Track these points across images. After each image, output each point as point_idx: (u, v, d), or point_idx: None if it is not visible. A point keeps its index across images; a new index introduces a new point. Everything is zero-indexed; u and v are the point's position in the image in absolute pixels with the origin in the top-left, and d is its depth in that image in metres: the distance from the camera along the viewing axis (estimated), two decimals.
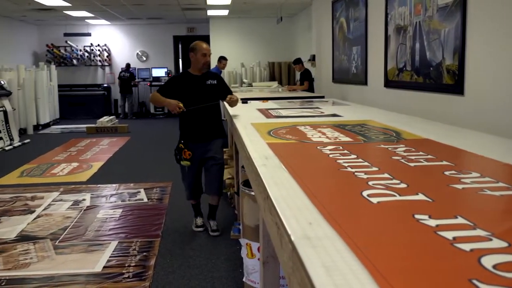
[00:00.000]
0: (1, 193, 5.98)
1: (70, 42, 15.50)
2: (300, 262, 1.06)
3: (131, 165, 7.76)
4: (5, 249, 4.08)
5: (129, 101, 15.03)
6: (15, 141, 9.90)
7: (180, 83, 4.32)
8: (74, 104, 15.09)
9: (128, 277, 3.48)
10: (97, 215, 4.98)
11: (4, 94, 10.13)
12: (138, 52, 15.96)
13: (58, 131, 12.30)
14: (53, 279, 3.46)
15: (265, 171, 1.92)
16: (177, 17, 14.20)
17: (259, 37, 14.35)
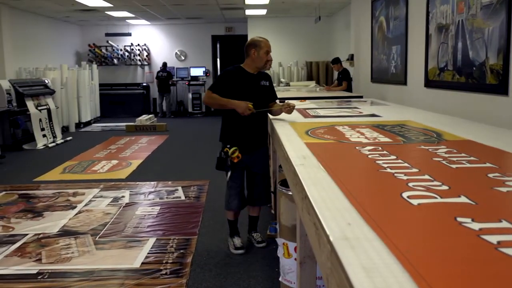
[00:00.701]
0: (45, 188, 6.15)
1: (111, 42, 15.81)
2: (339, 263, 1.05)
3: (169, 163, 7.86)
4: (48, 243, 4.19)
5: (167, 100, 15.22)
6: (58, 139, 10.16)
7: (234, 79, 3.87)
8: (114, 103, 15.38)
9: (166, 273, 3.52)
10: (135, 212, 5.07)
11: (48, 92, 10.42)
12: (177, 52, 16.14)
13: (98, 129, 12.57)
14: (93, 274, 3.54)
15: (303, 171, 1.91)
16: (215, 17, 14.30)
17: (297, 36, 14.31)
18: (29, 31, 12.25)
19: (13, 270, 3.63)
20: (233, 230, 4.11)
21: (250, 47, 3.85)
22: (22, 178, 6.77)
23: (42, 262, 3.78)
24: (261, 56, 3.83)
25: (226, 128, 3.97)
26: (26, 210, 5.21)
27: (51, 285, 3.37)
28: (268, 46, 3.87)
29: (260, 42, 3.86)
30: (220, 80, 3.91)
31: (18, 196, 5.76)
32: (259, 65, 3.87)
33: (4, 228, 4.60)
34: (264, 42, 3.87)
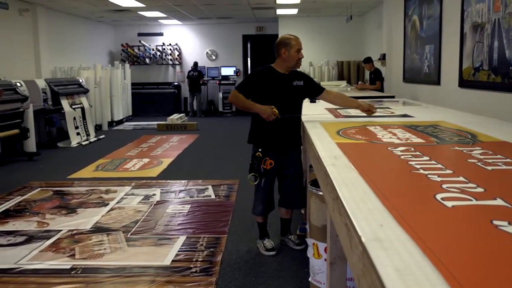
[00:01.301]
0: (78, 185, 6.27)
1: (143, 42, 16.02)
2: (371, 264, 1.05)
3: (200, 162, 7.92)
4: (81, 239, 4.28)
5: (197, 99, 15.33)
6: (91, 137, 10.35)
7: (264, 80, 3.72)
8: (146, 102, 15.58)
9: (196, 271, 3.55)
10: (166, 210, 5.12)
11: (82, 91, 10.63)
12: (208, 51, 16.24)
13: (130, 127, 12.75)
14: (125, 270, 3.59)
15: (334, 171, 1.90)
16: (246, 17, 14.34)
17: (328, 36, 14.23)
18: (64, 31, 12.51)
19: (47, 265, 3.72)
20: (263, 232, 4.06)
21: (280, 47, 3.69)
22: (56, 175, 6.92)
23: (75, 257, 3.85)
24: (292, 55, 3.65)
25: (256, 130, 3.84)
26: (60, 206, 5.32)
27: (84, 280, 3.44)
28: (299, 44, 3.69)
29: (290, 40, 3.68)
30: (247, 81, 3.79)
31: (53, 193, 5.89)
32: (290, 65, 3.71)
33: (39, 224, 4.71)
34: (294, 39, 3.69)
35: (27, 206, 5.33)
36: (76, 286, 3.34)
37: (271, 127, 3.69)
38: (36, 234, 4.43)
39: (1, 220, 4.88)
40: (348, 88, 9.69)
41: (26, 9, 10.51)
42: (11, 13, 9.82)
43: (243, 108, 3.76)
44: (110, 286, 3.33)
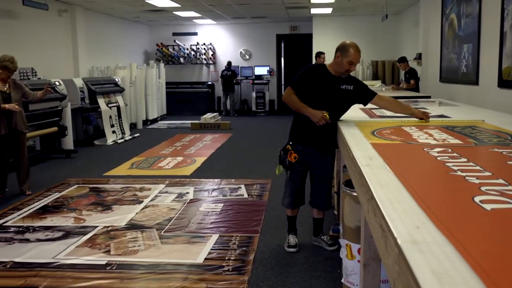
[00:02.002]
0: (114, 183, 6.38)
1: (178, 41, 16.18)
2: (407, 267, 1.03)
3: (233, 161, 7.95)
4: (116, 235, 4.35)
5: (231, 98, 15.40)
6: (126, 135, 10.52)
7: (315, 77, 3.72)
8: (180, 101, 15.74)
9: (228, 270, 3.56)
10: (199, 208, 5.16)
11: (118, 90, 10.81)
12: (242, 51, 16.29)
13: (164, 126, 12.89)
14: (159, 267, 3.63)
15: (369, 171, 1.88)
16: (280, 16, 14.32)
17: (362, 35, 14.06)
18: (101, 31, 12.75)
19: (83, 260, 3.80)
20: (290, 227, 4.11)
21: (338, 50, 3.65)
22: (93, 172, 7.06)
23: (110, 253, 3.92)
24: (343, 63, 3.60)
25: (297, 126, 3.89)
26: (96, 203, 5.42)
27: (119, 276, 3.50)
28: (355, 57, 3.59)
29: (349, 50, 3.58)
30: (302, 76, 3.75)
31: (89, 190, 6.01)
32: (339, 70, 3.68)
33: (76, 220, 4.82)
34: (353, 50, 3.58)
35: (64, 202, 5.46)
36: (111, 282, 3.40)
37: (312, 128, 3.70)
38: (73, 229, 4.53)
39: (40, 215, 5.01)
40: (383, 88, 9.58)
41: (65, 9, 10.76)
42: (50, 13, 10.06)
43: (295, 109, 3.77)
44: (143, 283, 3.38)
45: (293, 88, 3.74)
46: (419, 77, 8.95)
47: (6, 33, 8.82)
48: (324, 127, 3.65)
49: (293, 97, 3.72)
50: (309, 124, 3.69)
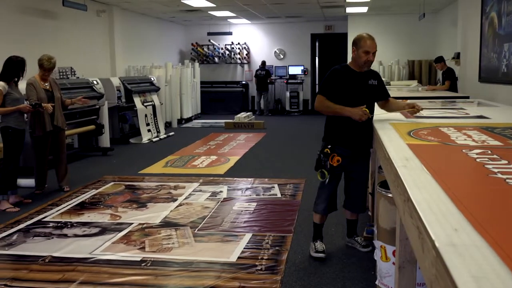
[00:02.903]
0: (148, 181, 6.47)
1: (212, 41, 16.28)
2: (445, 270, 1.01)
3: (266, 160, 7.95)
4: (150, 232, 4.41)
5: (265, 98, 15.40)
6: (161, 134, 10.65)
7: (342, 78, 3.64)
8: (214, 100, 15.84)
9: (261, 269, 3.57)
10: (233, 207, 5.18)
11: (153, 89, 10.96)
12: (276, 50, 16.28)
13: (199, 125, 13.00)
14: (192, 265, 3.67)
15: (405, 172, 1.86)
16: (315, 15, 14.25)
17: (398, 34, 13.88)
18: (137, 31, 12.94)
19: (119, 256, 3.86)
20: (317, 234, 3.93)
21: (353, 45, 3.64)
22: (128, 170, 7.18)
23: (145, 250, 3.98)
24: (359, 55, 3.56)
25: (332, 128, 3.76)
26: (131, 200, 5.51)
27: (153, 272, 3.54)
28: (368, 45, 3.53)
29: (360, 40, 3.57)
30: (329, 81, 3.67)
31: (124, 187, 6.11)
32: (359, 64, 3.62)
33: (112, 217, 4.91)
34: (364, 40, 3.55)
35: (101, 199, 5.57)
36: (146, 278, 3.45)
37: (349, 126, 3.60)
38: (109, 226, 4.61)
39: (78, 211, 5.12)
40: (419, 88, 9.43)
41: (103, 10, 10.96)
42: (89, 14, 10.27)
43: (332, 113, 3.67)
44: (177, 280, 3.42)
45: (324, 94, 3.66)
46: (457, 77, 8.76)
47: (46, 33, 9.05)
48: (360, 125, 3.56)
49: (326, 103, 3.63)
50: (346, 124, 3.60)
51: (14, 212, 5.11)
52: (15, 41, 8.01)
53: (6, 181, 5.28)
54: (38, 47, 8.11)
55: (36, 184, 5.92)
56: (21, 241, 4.25)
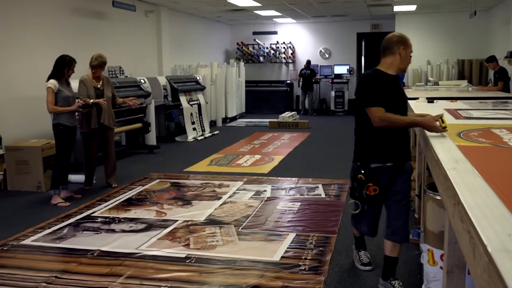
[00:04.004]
0: (193, 178, 6.55)
1: (258, 40, 16.32)
2: (499, 277, 0.98)
3: (310, 160, 7.92)
4: (195, 230, 4.47)
5: (309, 97, 15.32)
6: (206, 132, 10.76)
7: (386, 84, 3.14)
8: (258, 99, 15.87)
9: (304, 269, 3.56)
10: (276, 207, 5.19)
11: (199, 88, 11.09)
12: (321, 50, 16.17)
13: (243, 124, 13.06)
14: (236, 263, 3.69)
15: (455, 175, 1.81)
16: (361, 14, 14.08)
17: (448, 33, 13.54)
18: (184, 31, 13.12)
19: (164, 252, 3.93)
20: (359, 243, 3.70)
21: (398, 44, 3.18)
22: (174, 167, 7.29)
23: (190, 247, 4.03)
24: (407, 57, 3.20)
25: (369, 144, 3.20)
26: (177, 197, 5.59)
27: (197, 269, 3.59)
28: (411, 47, 3.25)
29: (408, 41, 3.22)
30: (376, 90, 3.10)
31: (170, 184, 6.21)
32: (403, 66, 3.23)
33: (158, 213, 4.99)
34: (409, 42, 3.25)
35: (147, 196, 5.68)
36: (190, 275, 3.50)
37: (391, 138, 3.13)
38: (155, 222, 4.70)
39: (125, 207, 5.24)
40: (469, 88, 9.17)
41: (151, 10, 11.16)
42: (137, 14, 10.48)
43: (399, 127, 3.10)
44: (221, 277, 3.45)
45: (380, 105, 3.03)
46: (510, 77, 8.47)
47: (96, 34, 9.29)
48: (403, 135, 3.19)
49: (390, 116, 3.01)
50: (386, 135, 3.11)
51: (65, 207, 5.28)
52: (66, 40, 8.26)
53: (58, 177, 5.46)
54: (89, 47, 8.34)
55: (85, 180, 6.09)
56: (71, 235, 4.39)
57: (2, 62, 6.89)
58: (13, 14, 7.22)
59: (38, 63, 7.13)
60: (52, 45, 7.75)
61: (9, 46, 7.10)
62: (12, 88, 7.05)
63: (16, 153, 6.07)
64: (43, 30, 7.83)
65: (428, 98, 5.42)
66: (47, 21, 7.96)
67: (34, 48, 7.53)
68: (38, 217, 4.94)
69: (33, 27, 7.59)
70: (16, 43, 7.23)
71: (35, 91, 6.88)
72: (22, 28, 7.36)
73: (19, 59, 7.25)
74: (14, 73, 7.13)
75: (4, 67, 6.93)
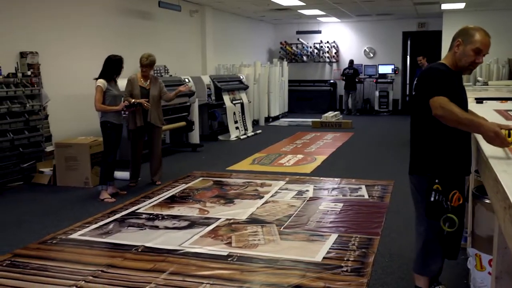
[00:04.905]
0: (236, 177, 6.59)
1: (301, 40, 16.26)
2: None
3: (353, 160, 7.83)
4: (237, 228, 4.49)
5: (352, 97, 15.15)
6: (249, 131, 10.81)
7: (452, 79, 2.70)
8: (301, 99, 15.81)
9: (347, 270, 3.52)
10: (319, 207, 5.15)
11: (242, 88, 11.14)
12: (366, 49, 15.98)
13: (285, 123, 13.04)
14: (277, 262, 3.69)
15: (506, 178, 1.75)
16: (407, 12, 13.82)
17: (498, 31, 13.02)
18: (228, 31, 13.22)
19: (206, 249, 3.97)
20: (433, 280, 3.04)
21: (458, 37, 2.73)
22: (216, 166, 7.35)
23: (232, 245, 4.06)
24: (466, 53, 2.68)
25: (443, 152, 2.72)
26: (219, 196, 5.64)
27: (239, 268, 3.60)
28: (484, 43, 2.66)
29: (473, 35, 2.67)
30: (443, 81, 2.63)
31: (213, 183, 6.27)
32: (460, 64, 2.73)
33: (201, 211, 5.05)
34: (480, 34, 2.68)
35: (190, 194, 5.74)
36: (232, 273, 3.52)
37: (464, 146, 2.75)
38: (197, 220, 4.75)
39: (168, 204, 5.32)
40: None
41: (196, 10, 11.29)
42: (182, 14, 10.62)
43: (457, 124, 2.51)
44: (262, 276, 3.45)
45: (445, 95, 2.56)
46: None
47: (143, 33, 9.48)
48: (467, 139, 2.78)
49: (452, 106, 2.50)
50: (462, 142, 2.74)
51: (111, 203, 5.41)
52: (114, 40, 8.46)
53: (106, 173, 5.60)
54: (135, 47, 8.53)
55: (130, 177, 6.22)
56: (116, 230, 4.49)
57: (53, 61, 7.11)
58: (65, 14, 7.46)
59: (87, 62, 7.34)
60: (101, 44, 7.95)
61: (60, 46, 7.34)
62: (62, 86, 7.27)
63: (65, 149, 6.26)
64: (93, 30, 8.06)
65: (477, 99, 5.26)
66: (97, 22, 8.19)
67: (83, 48, 7.76)
68: (85, 212, 5.08)
69: (83, 27, 7.82)
70: (66, 42, 7.46)
71: (83, 90, 7.08)
72: (72, 28, 7.59)
73: (69, 58, 7.48)
74: (64, 72, 7.36)
75: (55, 66, 7.16)
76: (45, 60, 6.91)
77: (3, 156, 5.97)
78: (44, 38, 7.03)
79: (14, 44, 6.55)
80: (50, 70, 7.02)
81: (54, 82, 7.06)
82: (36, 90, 6.43)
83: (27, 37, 6.74)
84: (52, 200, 5.60)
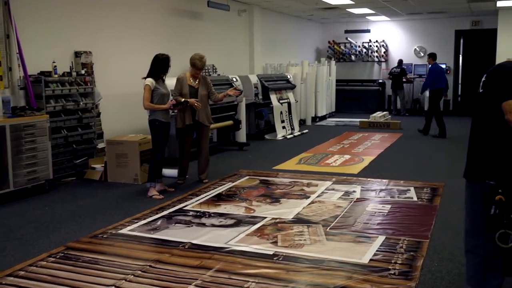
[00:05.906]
0: (282, 177, 6.59)
1: (350, 39, 16.08)
2: None
3: (402, 162, 7.69)
4: (283, 228, 4.49)
5: (400, 97, 14.85)
6: (295, 131, 10.77)
7: None
8: (349, 99, 15.64)
9: (394, 273, 3.46)
10: (366, 208, 5.08)
11: (289, 87, 11.12)
12: (416, 48, 15.63)
13: (333, 123, 12.94)
14: (323, 263, 3.66)
15: None
16: (460, 10, 13.43)
17: None
18: (275, 30, 13.22)
19: (252, 248, 3.98)
20: None
21: None
22: (263, 165, 7.36)
23: (277, 245, 4.05)
24: None
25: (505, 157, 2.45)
26: (265, 195, 5.65)
27: (285, 267, 3.60)
28: None
29: None
30: None
31: (259, 182, 6.29)
32: None
33: (247, 210, 5.07)
34: None
35: (236, 192, 5.78)
36: (277, 272, 3.52)
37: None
38: (243, 218, 4.77)
39: (215, 202, 5.38)
40: None
41: (244, 10, 11.35)
42: (230, 14, 10.70)
43: None
44: (308, 277, 3.43)
45: None
46: None
47: (192, 33, 9.60)
48: None
49: None
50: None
51: (159, 199, 5.51)
52: (163, 40, 8.61)
53: (154, 170, 5.71)
54: (184, 46, 8.67)
55: (178, 174, 6.32)
56: (164, 227, 4.57)
57: (105, 60, 7.31)
58: (116, 14, 7.65)
59: (138, 61, 7.49)
60: (151, 44, 8.11)
61: (112, 45, 7.53)
62: (113, 85, 7.47)
63: (116, 146, 6.42)
64: (143, 30, 8.23)
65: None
66: (147, 22, 8.36)
67: (134, 47, 7.94)
68: (134, 208, 5.19)
69: (134, 27, 8.00)
70: (118, 42, 7.65)
71: (134, 88, 7.24)
72: (124, 28, 7.77)
73: (120, 57, 7.67)
74: (116, 71, 7.55)
75: (107, 65, 7.35)
76: (98, 59, 7.12)
77: (57, 152, 6.19)
78: (97, 38, 7.23)
79: (69, 44, 6.78)
80: (103, 69, 7.22)
81: (106, 80, 7.25)
82: (89, 89, 6.63)
83: (81, 37, 6.96)
84: (103, 196, 5.75)
